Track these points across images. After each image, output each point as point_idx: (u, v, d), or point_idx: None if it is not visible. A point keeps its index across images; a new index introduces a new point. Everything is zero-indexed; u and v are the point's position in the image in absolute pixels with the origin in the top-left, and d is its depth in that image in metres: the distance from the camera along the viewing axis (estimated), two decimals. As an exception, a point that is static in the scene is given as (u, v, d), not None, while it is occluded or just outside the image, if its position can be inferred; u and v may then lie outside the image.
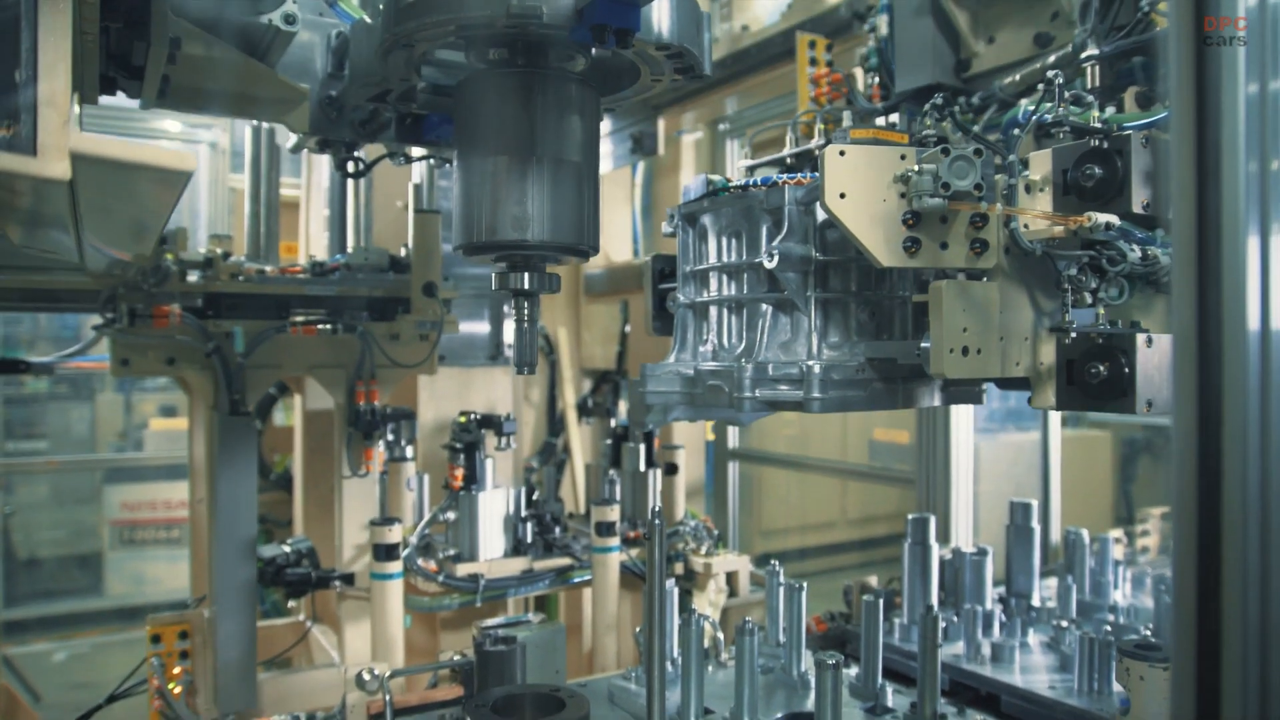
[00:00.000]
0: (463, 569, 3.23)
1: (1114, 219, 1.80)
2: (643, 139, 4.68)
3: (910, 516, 3.07)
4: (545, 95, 1.92)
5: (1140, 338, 1.82)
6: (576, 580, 3.45)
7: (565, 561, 3.43)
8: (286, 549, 3.40)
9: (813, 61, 3.10)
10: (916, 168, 1.78)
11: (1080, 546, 3.38)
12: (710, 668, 2.70)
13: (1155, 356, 1.82)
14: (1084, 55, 2.29)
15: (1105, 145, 1.86)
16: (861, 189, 1.81)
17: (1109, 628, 2.97)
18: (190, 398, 4.11)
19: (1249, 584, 1.07)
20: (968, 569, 3.14)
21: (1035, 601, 3.19)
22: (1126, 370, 1.81)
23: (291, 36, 2.18)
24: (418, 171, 3.82)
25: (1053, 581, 3.43)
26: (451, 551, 3.29)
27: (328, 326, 3.21)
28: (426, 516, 3.39)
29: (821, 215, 1.97)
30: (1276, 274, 1.11)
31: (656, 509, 2.69)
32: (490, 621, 3.02)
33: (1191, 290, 1.13)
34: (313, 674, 3.73)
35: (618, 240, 5.34)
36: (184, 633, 3.07)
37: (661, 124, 4.63)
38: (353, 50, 2.28)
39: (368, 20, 2.10)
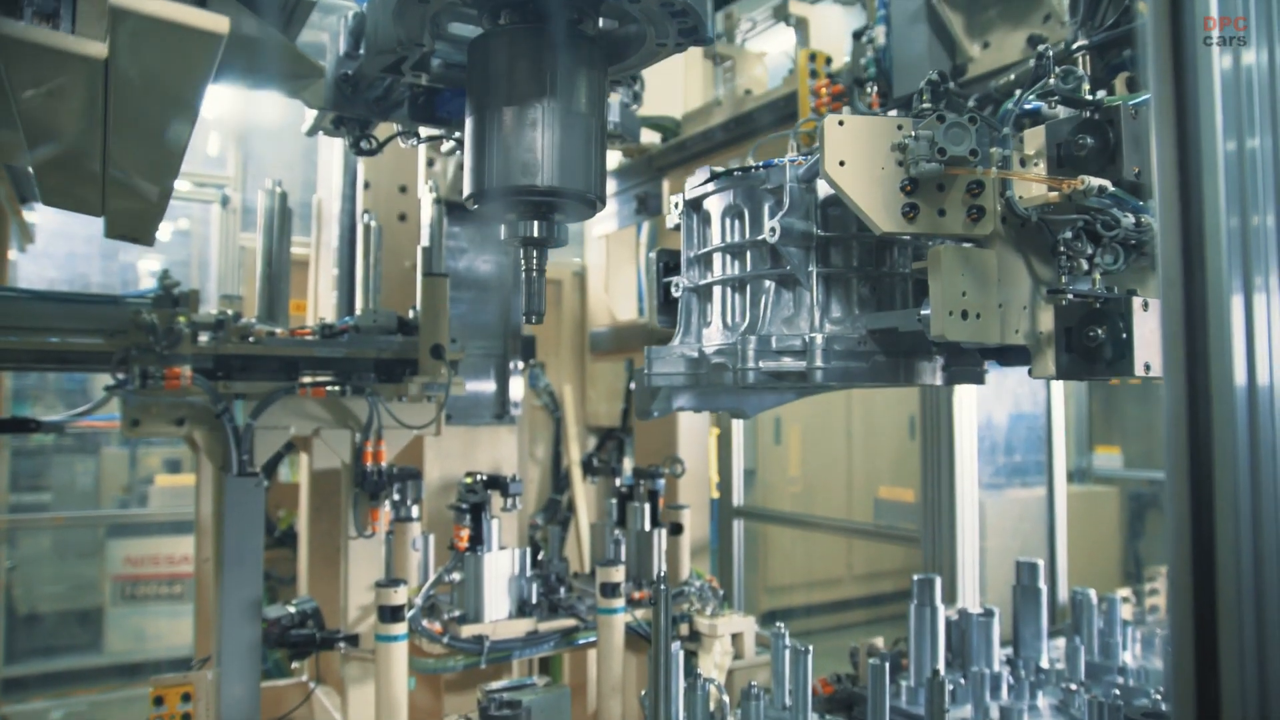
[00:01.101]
0: (467, 630, 3.22)
1: (1107, 183, 1.83)
2: (647, 199, 4.76)
3: (916, 577, 3.07)
4: (555, 50, 1.99)
5: (1136, 301, 1.86)
6: (581, 642, 3.43)
7: (570, 623, 3.41)
8: (291, 609, 3.40)
9: (813, 74, 3.23)
10: (914, 134, 1.83)
11: (1088, 606, 3.37)
12: (716, 732, 2.68)
13: (1151, 320, 1.85)
14: (1075, 46, 2.39)
15: (1096, 116, 1.90)
16: (860, 157, 1.86)
17: (1118, 691, 2.95)
18: (198, 457, 4.13)
19: (1245, 655, 1.08)
20: (974, 630, 3.13)
21: (1043, 663, 3.17)
22: (1124, 334, 1.84)
23: (311, 7, 2.20)
24: (426, 235, 3.89)
25: (1061, 642, 3.41)
26: (456, 613, 3.29)
27: (336, 388, 3.24)
28: (432, 577, 3.39)
29: (823, 193, 2.03)
30: (1260, 331, 1.14)
31: (662, 574, 2.71)
32: (495, 685, 3.00)
33: (1181, 352, 1.16)
34: (315, 737, 3.70)
35: (623, 299, 5.40)
36: (187, 694, 3.05)
37: (666, 185, 4.71)
38: (369, 24, 2.34)
39: None
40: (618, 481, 4.15)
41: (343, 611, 3.47)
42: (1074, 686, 2.81)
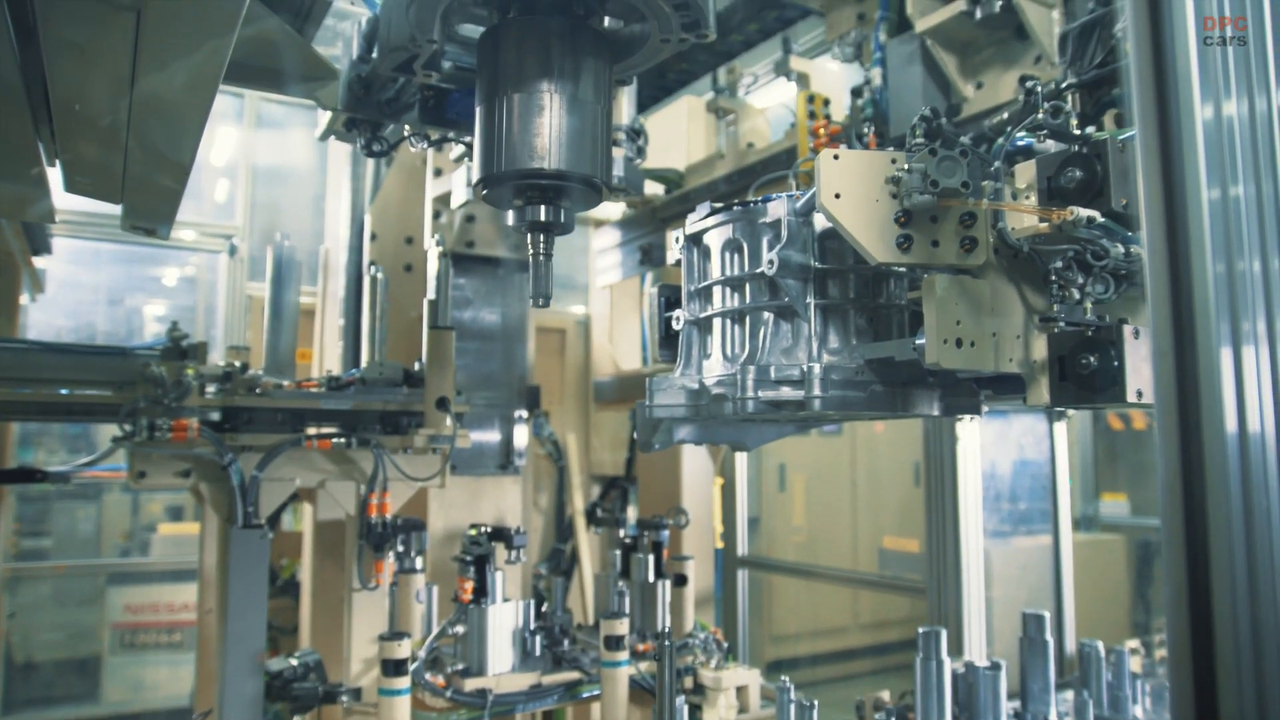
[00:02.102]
0: (471, 684, 3.20)
1: (1095, 214, 1.88)
2: (651, 250, 4.81)
3: (921, 630, 3.05)
4: (562, 38, 2.06)
5: (1127, 329, 1.91)
6: (585, 695, 3.40)
7: (574, 676, 3.39)
8: (294, 662, 3.38)
9: (811, 115, 3.33)
10: (907, 168, 1.88)
11: (1096, 659, 3.34)
12: (722, 791, 2.65)
13: (1142, 348, 1.91)
14: (1064, 85, 2.48)
15: (1084, 150, 1.96)
16: (856, 190, 1.91)
17: (1127, 747, 2.92)
18: (203, 507, 4.13)
19: (1245, 701, 1.09)
20: (981, 684, 3.10)
21: (1052, 717, 3.14)
22: (1116, 361, 1.89)
23: (327, 6, 2.27)
24: (432, 288, 3.92)
25: (1069, 695, 3.37)
26: (460, 666, 3.27)
27: (342, 440, 3.26)
28: (435, 630, 3.37)
29: (820, 226, 2.09)
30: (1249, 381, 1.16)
31: (666, 630, 2.70)
32: (499, 740, 2.98)
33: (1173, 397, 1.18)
34: (316, 792, 3.65)
35: (627, 349, 5.43)
36: (187, 749, 3.03)
37: (669, 236, 4.76)
38: (382, 25, 2.40)
39: None
40: (621, 532, 4.15)
41: (345, 664, 3.45)
42: (1083, 742, 2.79)
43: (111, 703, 7.26)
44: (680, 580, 3.78)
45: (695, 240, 2.35)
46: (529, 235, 2.23)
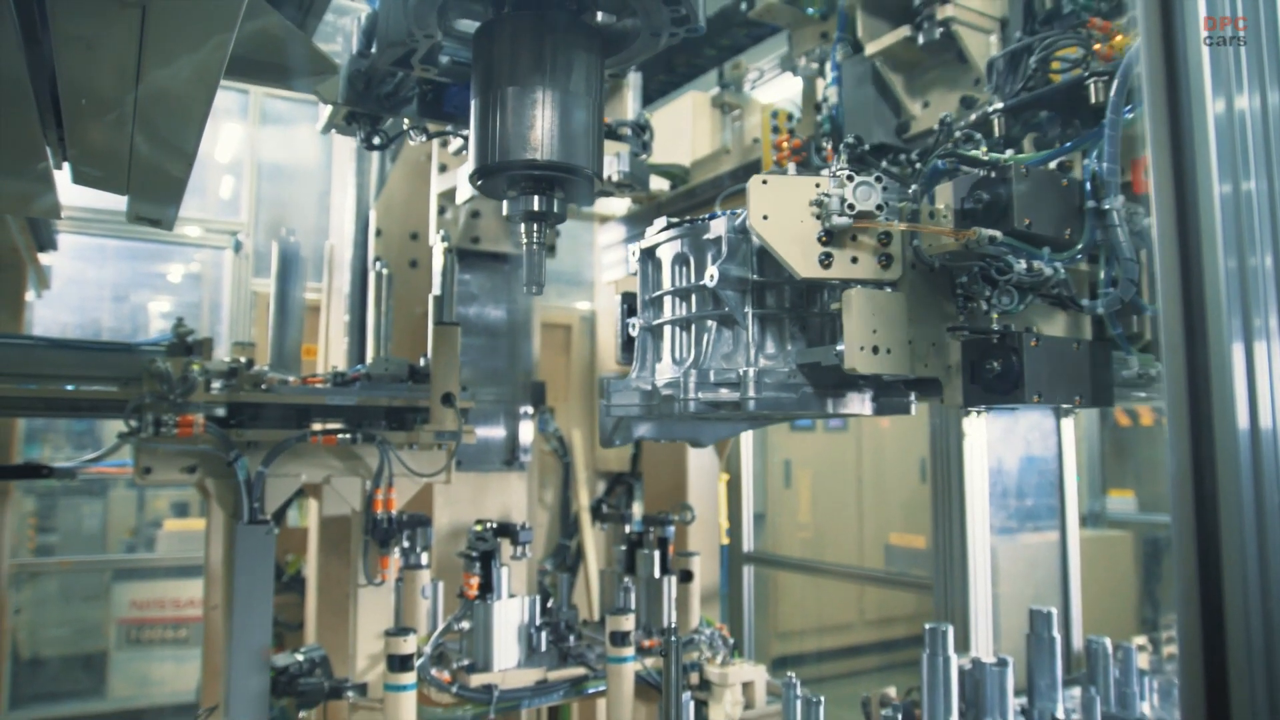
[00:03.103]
0: (476, 679, 3.20)
1: (997, 233, 2.05)
2: (656, 246, 4.79)
3: (928, 626, 3.04)
4: (554, 34, 2.14)
5: (1027, 336, 2.11)
6: (591, 691, 3.40)
7: (580, 671, 3.38)
8: (299, 658, 3.38)
9: (775, 130, 3.51)
10: (827, 192, 2.09)
11: (1103, 656, 3.32)
12: (728, 787, 2.65)
13: (1041, 354, 2.12)
14: (990, 110, 2.66)
15: (992, 175, 2.14)
16: (782, 212, 2.11)
17: (1135, 744, 2.90)
18: (208, 503, 4.13)
19: (1256, 694, 1.08)
20: (988, 680, 3.09)
21: (1059, 714, 3.13)
22: (1017, 366, 2.09)
23: (327, 3, 2.33)
24: (437, 283, 3.92)
25: (1076, 692, 3.36)
26: (465, 661, 3.26)
27: (347, 436, 3.25)
28: (441, 625, 3.37)
29: (759, 242, 2.22)
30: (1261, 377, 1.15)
31: (672, 626, 2.70)
32: (504, 736, 2.98)
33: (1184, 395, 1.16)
34: (322, 787, 3.65)
35: (631, 343, 5.41)
36: (194, 745, 3.03)
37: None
38: (381, 21, 2.48)
39: None
40: (627, 528, 4.14)
41: (351, 659, 3.45)
42: (1091, 739, 2.77)
43: (118, 698, 7.27)
44: (686, 576, 3.78)
45: (649, 254, 2.55)
46: (523, 225, 2.30)
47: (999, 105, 2.61)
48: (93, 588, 7.47)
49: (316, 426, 3.30)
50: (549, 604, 3.63)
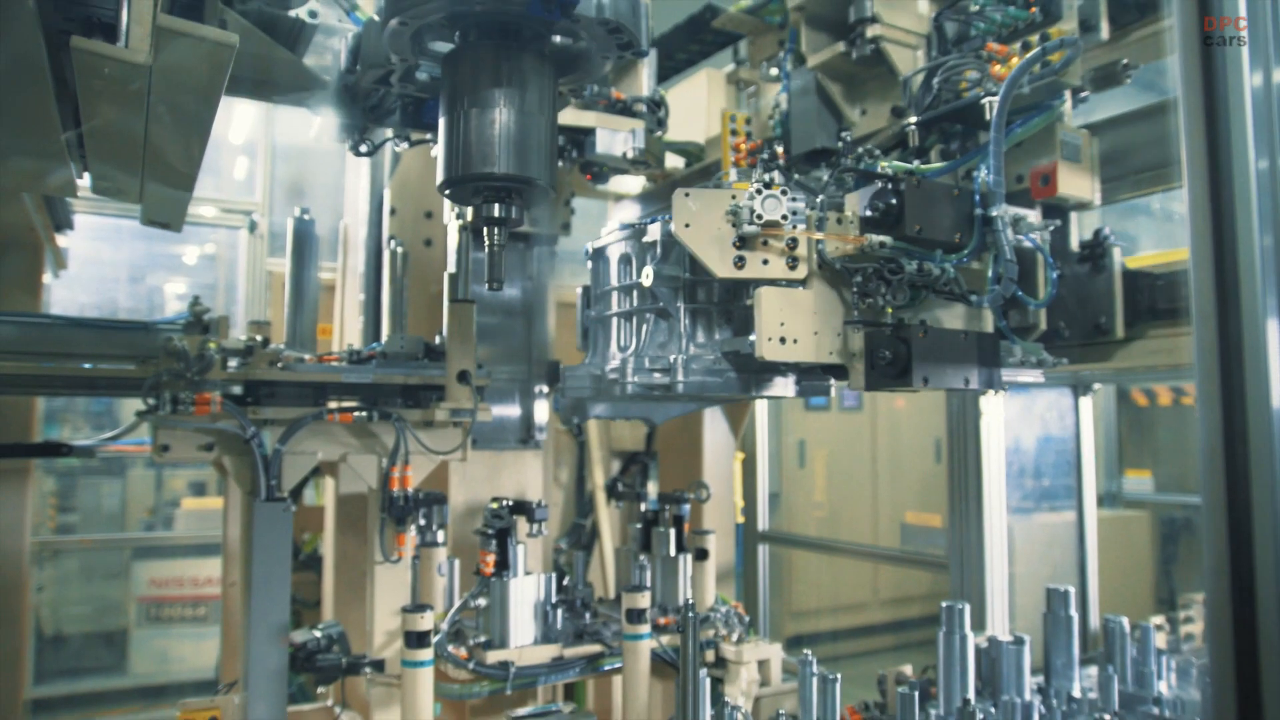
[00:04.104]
0: (493, 656, 3.21)
1: (887, 238, 2.36)
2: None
3: (944, 604, 3.04)
4: (509, 62, 2.41)
5: (916, 328, 2.41)
6: (607, 668, 3.41)
7: (596, 649, 3.40)
8: (317, 634, 3.40)
9: (734, 132, 3.76)
10: (739, 204, 2.40)
11: (1120, 635, 3.31)
12: (744, 762, 2.66)
13: (929, 343, 2.41)
14: (905, 123, 2.99)
15: (888, 186, 2.41)
16: (702, 220, 2.43)
17: (1154, 723, 2.90)
18: (225, 481, 4.16)
19: None
20: (1005, 658, 3.08)
21: (1075, 693, 3.12)
22: (906, 354, 2.38)
23: (314, 29, 2.67)
24: (452, 261, 3.91)
25: (1093, 671, 3.35)
26: (482, 638, 3.28)
27: (363, 414, 3.25)
28: (457, 603, 3.38)
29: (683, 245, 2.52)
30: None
31: (689, 601, 2.70)
32: (521, 711, 3.00)
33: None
34: (341, 762, 3.68)
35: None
36: (214, 719, 3.06)
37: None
38: (364, 43, 2.78)
39: (376, 18, 2.55)
40: (642, 506, 4.14)
41: (368, 636, 3.47)
42: (1108, 717, 2.77)
43: (139, 674, 7.37)
44: (701, 554, 3.78)
45: (599, 253, 2.98)
46: (485, 229, 2.56)
47: (913, 120, 2.95)
48: (112, 566, 7.56)
49: (332, 405, 3.30)
50: (565, 582, 3.63)
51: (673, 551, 3.72)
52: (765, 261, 2.43)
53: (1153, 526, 6.78)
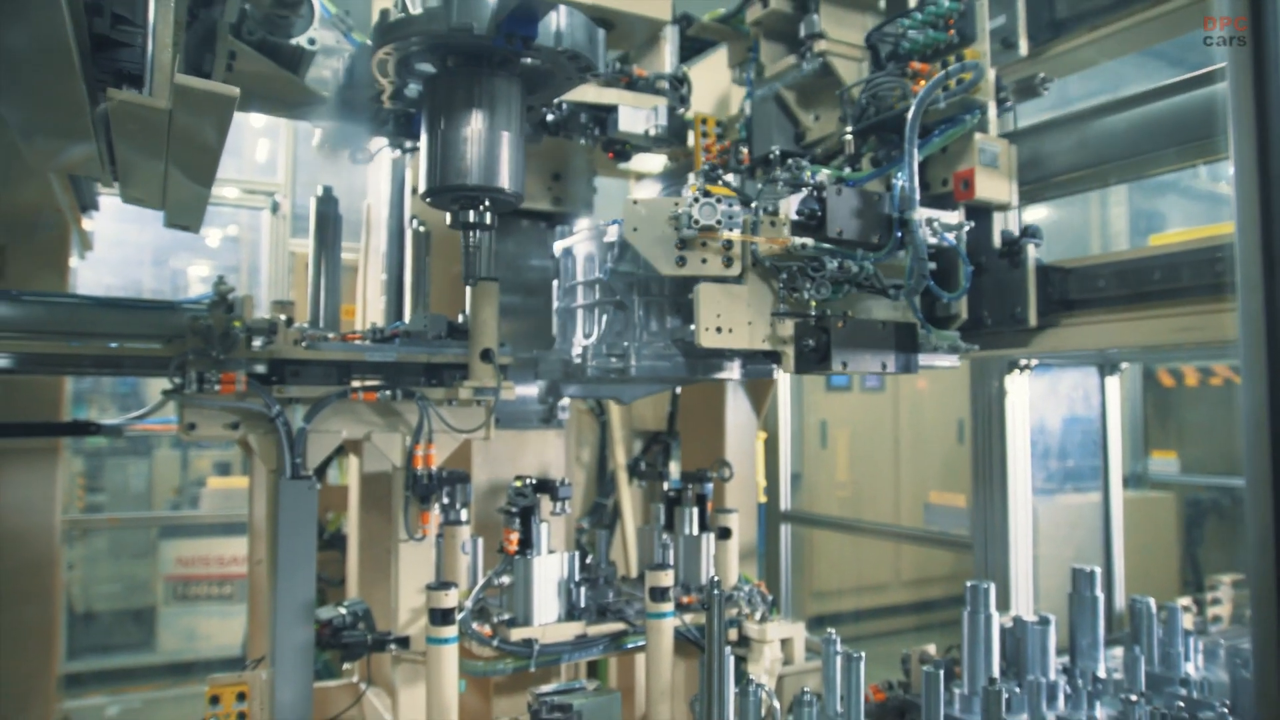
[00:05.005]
0: (517, 633, 3.23)
1: (809, 240, 2.71)
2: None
3: (969, 583, 3.02)
4: (480, 85, 2.81)
5: (835, 319, 2.77)
6: (630, 646, 3.42)
7: (619, 627, 3.41)
8: (343, 611, 3.43)
9: (704, 134, 4.01)
10: (679, 211, 2.75)
11: (1147, 615, 3.28)
12: (769, 740, 2.66)
13: (848, 332, 2.77)
14: (843, 132, 3.30)
15: (815, 193, 2.75)
16: (649, 225, 2.80)
17: (1181, 703, 2.87)
18: (251, 460, 4.19)
19: None
20: (1030, 638, 3.07)
21: (1101, 673, 3.10)
22: (825, 342, 2.73)
23: (314, 55, 3.04)
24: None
25: (1118, 652, 3.33)
26: (506, 616, 3.29)
27: (387, 393, 3.26)
28: (481, 581, 3.40)
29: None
30: None
31: (714, 579, 2.71)
32: (545, 689, 3.01)
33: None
34: (366, 737, 3.73)
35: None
36: (242, 694, 3.09)
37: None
38: (358, 65, 3.13)
39: (368, 42, 2.89)
40: (665, 485, 4.14)
41: (393, 613, 3.50)
42: (1134, 697, 2.74)
43: (167, 651, 7.49)
44: (724, 533, 3.78)
45: (567, 252, 3.38)
46: (462, 231, 3.03)
47: (849, 130, 3.26)
48: (140, 545, 7.66)
49: (356, 383, 3.31)
50: (588, 560, 3.64)
51: (696, 530, 3.73)
52: (704, 260, 2.77)
53: (1178, 508, 6.72)
